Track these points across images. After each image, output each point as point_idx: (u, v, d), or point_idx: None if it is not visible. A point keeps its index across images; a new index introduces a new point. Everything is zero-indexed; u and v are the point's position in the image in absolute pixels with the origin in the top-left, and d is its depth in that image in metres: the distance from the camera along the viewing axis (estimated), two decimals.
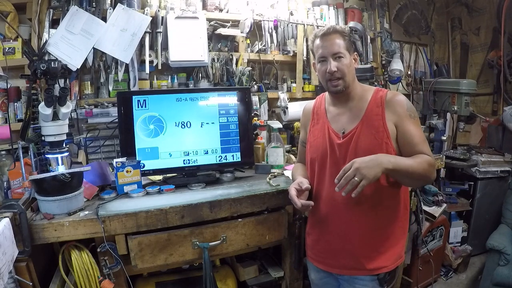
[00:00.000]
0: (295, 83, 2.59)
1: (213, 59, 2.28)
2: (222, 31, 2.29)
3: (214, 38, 2.36)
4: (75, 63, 1.92)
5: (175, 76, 2.26)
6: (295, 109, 2.35)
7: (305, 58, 2.57)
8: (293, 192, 1.34)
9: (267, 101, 2.42)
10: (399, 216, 1.36)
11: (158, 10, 2.13)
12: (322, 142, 1.39)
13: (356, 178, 1.10)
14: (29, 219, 1.27)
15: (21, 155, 1.46)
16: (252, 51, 2.44)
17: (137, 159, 1.65)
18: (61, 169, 1.38)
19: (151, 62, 2.13)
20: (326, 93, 1.46)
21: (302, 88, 2.61)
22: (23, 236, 1.21)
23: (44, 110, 1.32)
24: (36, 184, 1.34)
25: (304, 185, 1.36)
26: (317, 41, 1.33)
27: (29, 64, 1.37)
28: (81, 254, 1.35)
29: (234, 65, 2.34)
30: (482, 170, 2.83)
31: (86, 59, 1.97)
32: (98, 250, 1.36)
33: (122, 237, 1.38)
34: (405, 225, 1.42)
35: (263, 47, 2.44)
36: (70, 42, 1.91)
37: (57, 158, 1.40)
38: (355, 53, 1.36)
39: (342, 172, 1.14)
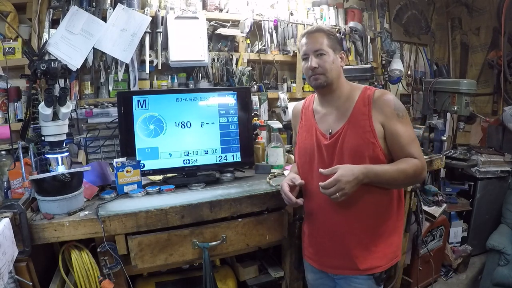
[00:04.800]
0: (295, 83, 2.59)
1: (213, 59, 2.28)
2: (222, 31, 2.29)
3: (214, 38, 2.36)
4: (75, 63, 1.92)
5: (175, 76, 2.26)
6: None
7: None
8: (286, 188, 1.34)
9: (267, 101, 2.42)
10: (392, 214, 1.35)
11: (158, 10, 2.13)
12: (310, 143, 1.39)
13: (337, 194, 1.14)
14: (29, 219, 1.27)
15: (21, 155, 1.46)
16: (252, 51, 2.44)
17: (137, 159, 1.65)
18: (61, 169, 1.37)
19: (151, 62, 2.13)
20: (315, 94, 1.46)
21: (302, 88, 2.61)
22: (23, 236, 1.21)
23: (44, 110, 1.32)
24: (36, 184, 1.34)
25: (297, 180, 1.36)
26: (303, 40, 1.35)
27: (29, 64, 1.36)
28: (81, 254, 1.35)
29: (234, 65, 2.34)
30: (482, 170, 2.83)
31: (86, 59, 1.97)
32: (98, 250, 1.36)
33: (122, 237, 1.38)
34: (399, 224, 1.40)
35: (263, 47, 2.44)
36: (70, 42, 1.91)
37: (57, 158, 1.40)
38: (342, 51, 1.36)
39: (327, 184, 1.15)
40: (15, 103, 1.87)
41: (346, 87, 1.37)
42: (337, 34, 1.39)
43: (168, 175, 1.79)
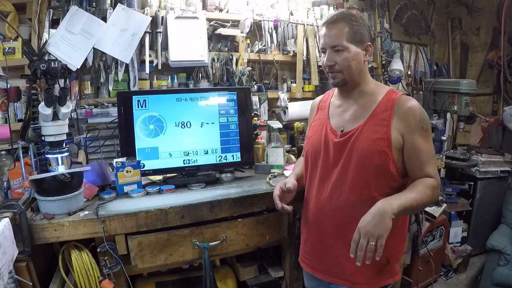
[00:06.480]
0: (295, 83, 2.59)
1: (213, 59, 2.28)
2: (222, 31, 2.29)
3: (214, 38, 2.36)
4: (75, 63, 1.92)
5: (175, 76, 2.26)
6: (295, 109, 2.35)
7: (305, 58, 2.57)
8: (276, 192, 1.32)
9: (267, 101, 2.42)
10: (394, 232, 1.14)
11: (158, 10, 2.13)
12: (318, 139, 1.30)
13: (371, 243, 1.00)
14: (29, 219, 1.27)
15: (21, 155, 1.46)
16: (252, 51, 2.44)
17: (137, 159, 1.65)
18: (61, 169, 1.37)
19: (151, 62, 2.13)
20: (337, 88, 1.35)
21: (302, 88, 2.61)
22: (23, 236, 1.21)
23: (44, 110, 1.32)
24: (36, 184, 1.34)
25: (287, 184, 1.33)
26: (322, 30, 1.22)
27: (29, 64, 1.36)
28: (81, 254, 1.35)
29: (234, 65, 2.33)
30: (482, 170, 2.83)
31: (86, 59, 1.97)
32: (98, 250, 1.36)
33: (122, 237, 1.38)
34: (401, 243, 1.29)
35: (263, 47, 2.44)
36: (70, 42, 1.91)
37: (57, 158, 1.40)
38: (368, 43, 1.20)
39: (353, 245, 1.03)
40: (15, 103, 1.87)
41: (370, 84, 1.25)
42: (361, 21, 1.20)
43: (168, 175, 1.79)
